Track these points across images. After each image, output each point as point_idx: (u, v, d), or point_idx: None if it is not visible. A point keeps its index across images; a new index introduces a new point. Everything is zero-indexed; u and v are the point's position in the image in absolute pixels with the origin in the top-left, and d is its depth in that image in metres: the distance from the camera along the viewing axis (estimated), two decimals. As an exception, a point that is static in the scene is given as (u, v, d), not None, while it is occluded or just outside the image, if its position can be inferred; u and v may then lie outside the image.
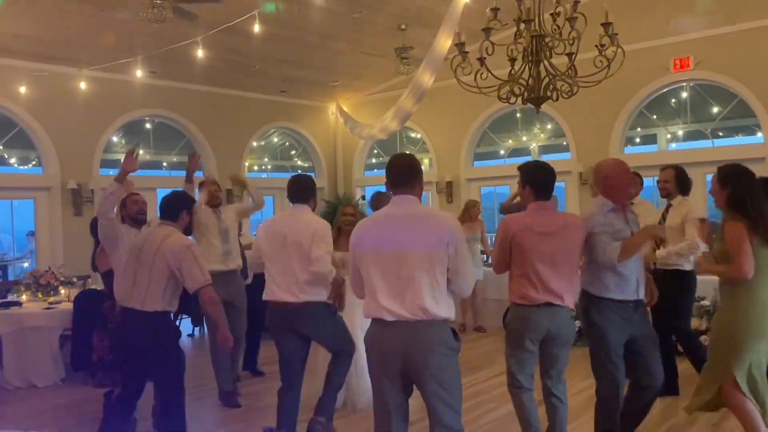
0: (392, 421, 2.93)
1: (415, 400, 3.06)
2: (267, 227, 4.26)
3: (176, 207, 4.02)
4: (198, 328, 8.87)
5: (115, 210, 4.88)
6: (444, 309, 2.89)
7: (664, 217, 5.21)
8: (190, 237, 4.12)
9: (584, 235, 3.66)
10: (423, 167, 4.38)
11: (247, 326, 6.19)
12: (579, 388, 5.46)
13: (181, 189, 4.31)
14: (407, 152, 3.03)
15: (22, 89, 8.28)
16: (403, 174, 3.02)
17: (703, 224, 4.43)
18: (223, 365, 5.49)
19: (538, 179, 3.73)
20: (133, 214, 4.85)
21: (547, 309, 3.59)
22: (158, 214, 4.11)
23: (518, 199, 5.70)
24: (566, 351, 3.77)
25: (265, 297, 4.18)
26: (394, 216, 2.98)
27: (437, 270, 2.86)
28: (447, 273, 2.89)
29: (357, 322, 4.81)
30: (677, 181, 5.15)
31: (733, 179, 3.65)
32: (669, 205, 5.20)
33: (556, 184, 3.82)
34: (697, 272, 4.82)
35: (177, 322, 7.02)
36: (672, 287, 4.99)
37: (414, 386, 2.98)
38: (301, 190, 4.27)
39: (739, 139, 8.47)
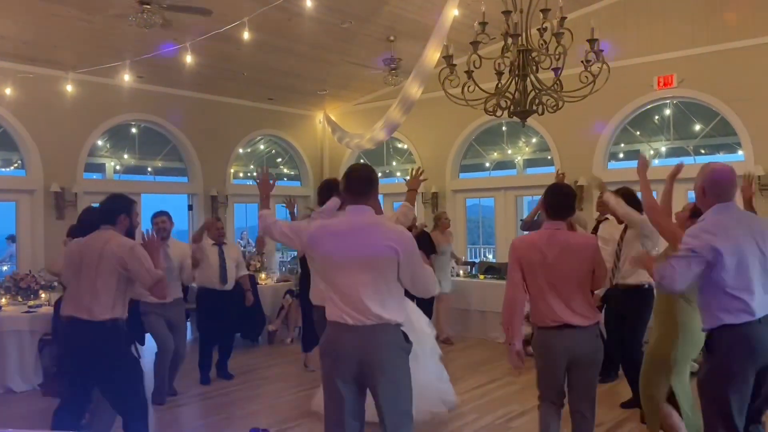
0: (346, 423, 3.02)
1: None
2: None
3: (114, 210, 3.94)
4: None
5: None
6: (395, 313, 3.04)
7: (621, 237, 5.31)
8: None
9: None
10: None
11: (219, 333, 6.58)
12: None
13: (118, 193, 4.16)
14: (363, 162, 3.07)
15: (7, 91, 8.21)
16: (362, 185, 3.14)
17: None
18: (160, 376, 5.76)
19: (551, 201, 3.70)
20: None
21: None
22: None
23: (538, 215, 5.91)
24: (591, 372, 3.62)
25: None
26: (350, 225, 3.09)
27: (388, 276, 3.02)
28: (403, 279, 3.03)
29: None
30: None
31: None
32: (626, 225, 5.27)
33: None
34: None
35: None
36: (633, 303, 5.20)
37: (367, 389, 3.09)
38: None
39: (721, 157, 8.60)
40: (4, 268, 11.35)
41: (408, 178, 4.37)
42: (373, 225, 3.08)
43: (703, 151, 8.71)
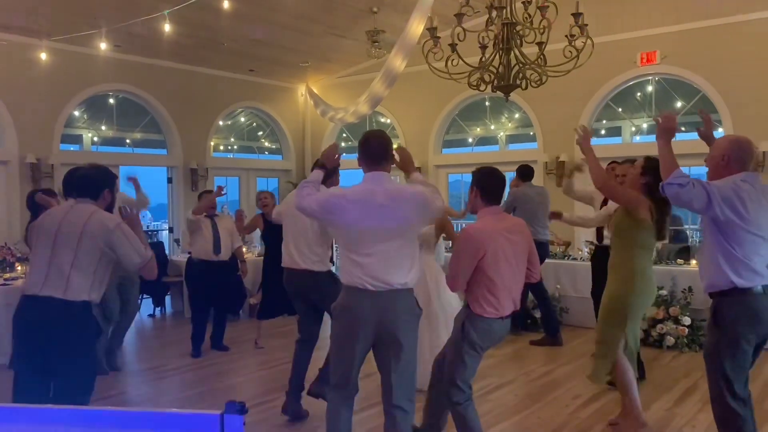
0: (353, 378, 3.18)
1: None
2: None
3: (99, 184, 3.44)
4: (159, 308, 8.76)
5: None
6: (414, 278, 3.13)
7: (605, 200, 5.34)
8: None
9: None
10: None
11: (216, 307, 6.65)
12: (538, 374, 5.58)
13: (99, 164, 3.68)
14: (378, 129, 3.05)
15: (-21, 58, 8.00)
16: (382, 151, 3.17)
17: None
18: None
19: (488, 184, 3.44)
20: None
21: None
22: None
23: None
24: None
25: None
26: (375, 192, 3.06)
27: (412, 241, 3.14)
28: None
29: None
30: None
31: (655, 172, 3.86)
32: None
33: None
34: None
35: (139, 301, 7.01)
36: None
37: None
38: None
39: (701, 134, 8.65)
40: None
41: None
42: (398, 191, 3.09)
43: (683, 129, 8.75)
